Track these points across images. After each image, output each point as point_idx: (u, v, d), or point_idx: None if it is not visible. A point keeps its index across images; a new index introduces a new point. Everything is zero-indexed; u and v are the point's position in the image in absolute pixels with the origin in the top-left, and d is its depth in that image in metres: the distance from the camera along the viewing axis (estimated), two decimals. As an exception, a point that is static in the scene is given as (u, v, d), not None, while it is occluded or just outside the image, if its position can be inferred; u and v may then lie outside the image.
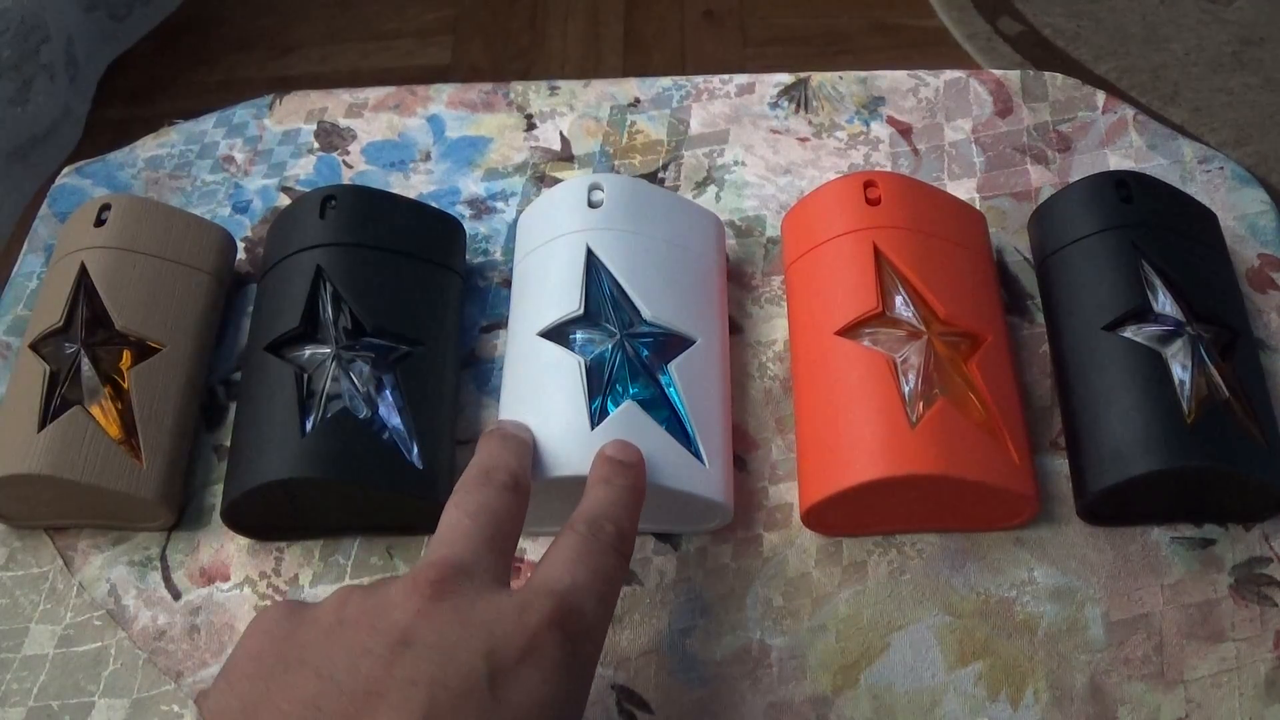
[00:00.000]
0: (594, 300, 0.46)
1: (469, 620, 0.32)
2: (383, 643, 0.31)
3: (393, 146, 0.60)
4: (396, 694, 0.30)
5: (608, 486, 0.39)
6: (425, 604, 0.32)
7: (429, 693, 0.30)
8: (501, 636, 0.32)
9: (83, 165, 0.61)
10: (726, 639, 0.44)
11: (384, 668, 0.30)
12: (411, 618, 0.32)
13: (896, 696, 0.42)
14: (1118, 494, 0.43)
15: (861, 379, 0.44)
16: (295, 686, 0.30)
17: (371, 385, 0.46)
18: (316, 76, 1.52)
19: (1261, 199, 0.54)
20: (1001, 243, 0.53)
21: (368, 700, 0.29)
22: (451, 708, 0.30)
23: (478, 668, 0.31)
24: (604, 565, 0.36)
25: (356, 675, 0.30)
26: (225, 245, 0.53)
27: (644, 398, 0.44)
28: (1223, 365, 0.45)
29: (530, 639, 0.32)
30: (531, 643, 0.32)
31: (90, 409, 0.46)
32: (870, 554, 0.45)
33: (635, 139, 0.59)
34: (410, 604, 0.32)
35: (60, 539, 0.48)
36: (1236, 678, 0.42)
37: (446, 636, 0.31)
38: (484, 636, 0.32)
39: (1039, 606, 0.44)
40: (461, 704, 0.30)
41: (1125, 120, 0.58)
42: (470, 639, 0.32)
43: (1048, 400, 0.48)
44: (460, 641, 0.31)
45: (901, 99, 0.59)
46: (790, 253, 0.50)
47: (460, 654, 0.31)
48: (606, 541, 0.37)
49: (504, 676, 0.31)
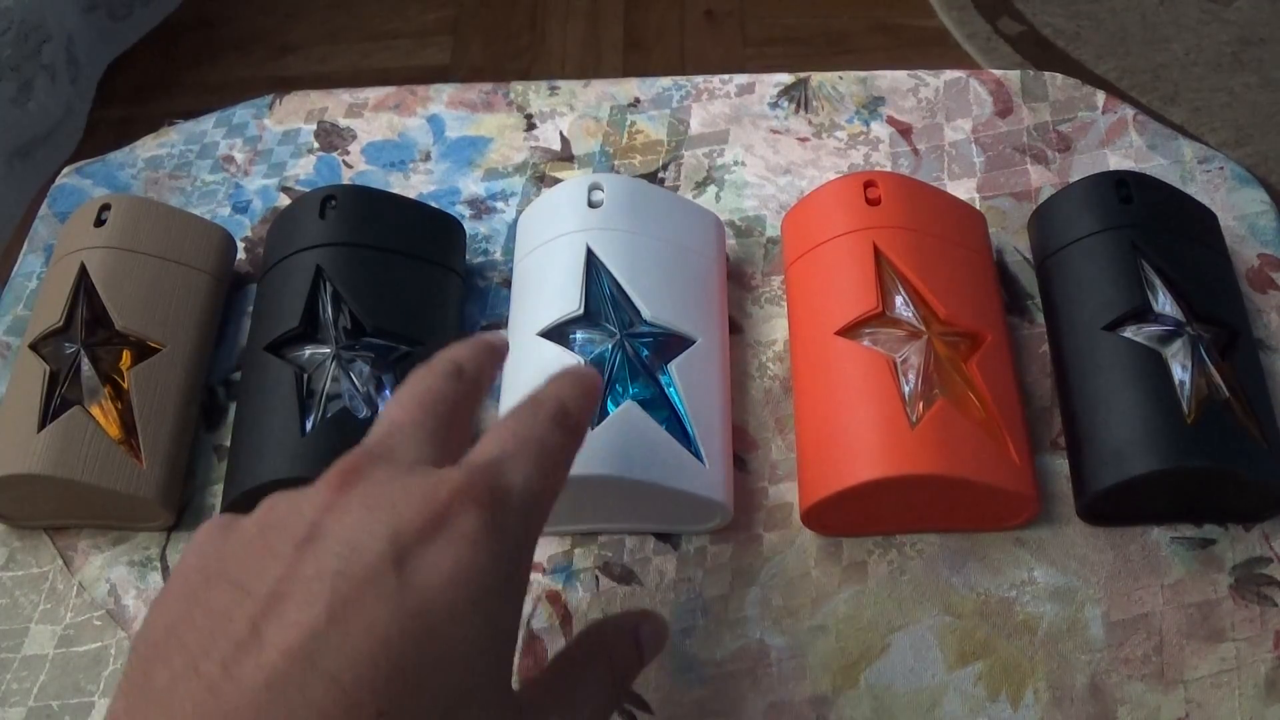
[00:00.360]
0: (594, 300, 0.46)
1: (375, 504, 0.31)
2: (290, 542, 0.30)
3: (393, 146, 0.60)
4: (300, 591, 0.29)
5: (556, 379, 0.37)
6: (332, 496, 0.31)
7: (332, 584, 0.29)
8: (408, 515, 0.30)
9: (83, 165, 0.61)
10: (726, 639, 0.44)
11: (289, 567, 0.29)
12: (318, 512, 0.31)
13: (896, 696, 0.42)
14: (1118, 494, 0.43)
15: (861, 379, 0.44)
16: (211, 599, 0.29)
17: (371, 385, 0.46)
18: (316, 76, 1.52)
19: (1261, 199, 0.54)
20: (1001, 243, 0.53)
21: (273, 602, 0.29)
22: (354, 597, 0.28)
23: (382, 551, 0.29)
24: (540, 436, 0.34)
25: (265, 579, 0.29)
26: (225, 245, 0.53)
27: (644, 398, 0.44)
28: (1223, 365, 0.45)
29: (437, 513, 0.30)
30: (438, 517, 0.30)
31: (90, 409, 0.46)
32: (870, 554, 0.45)
33: (635, 139, 0.59)
34: (319, 499, 0.31)
35: (60, 539, 0.48)
36: (1236, 678, 0.42)
37: (350, 524, 0.30)
38: (389, 518, 0.30)
39: (1039, 606, 0.44)
40: (364, 591, 0.29)
41: (1125, 120, 0.58)
42: (374, 523, 0.30)
43: (1048, 400, 0.48)
44: (365, 527, 0.30)
45: (901, 99, 0.59)
46: (790, 253, 0.50)
47: (363, 540, 0.30)
48: (546, 414, 0.35)
49: (409, 556, 0.29)
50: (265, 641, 0.28)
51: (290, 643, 0.28)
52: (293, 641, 0.28)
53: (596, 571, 0.46)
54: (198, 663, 0.28)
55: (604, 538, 0.46)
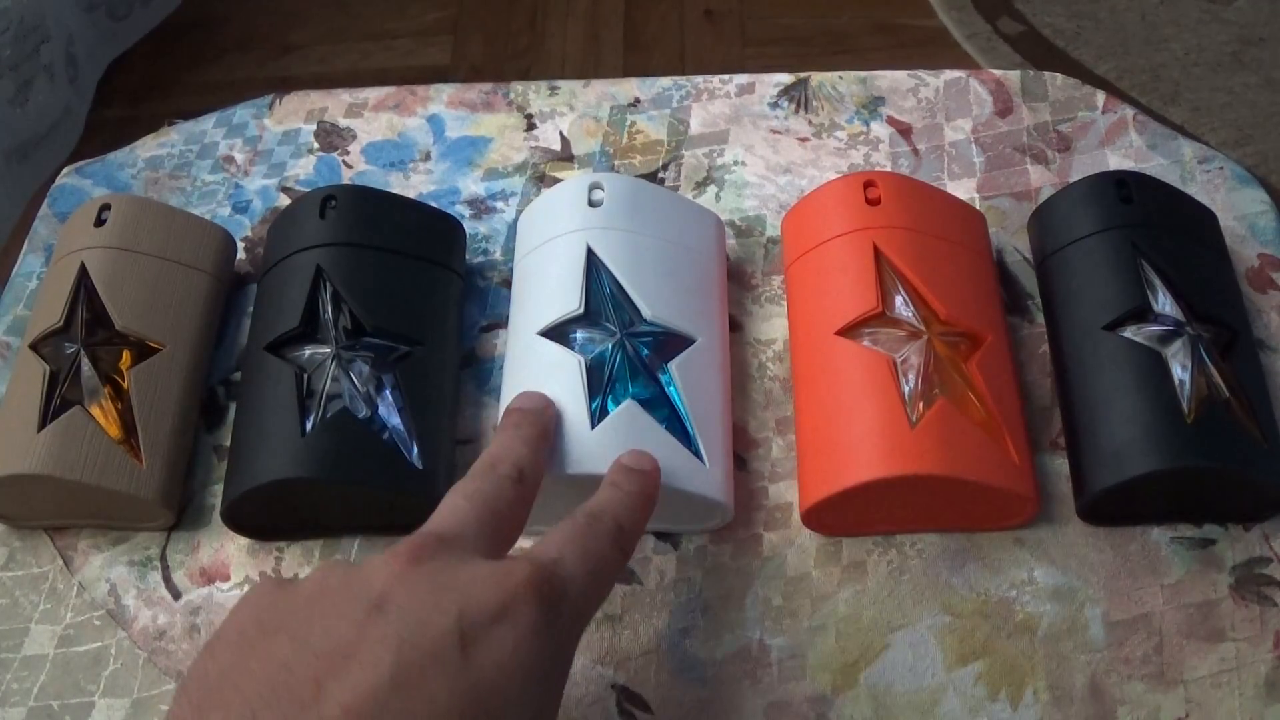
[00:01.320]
0: (594, 299, 0.46)
1: (445, 583, 0.32)
2: (358, 607, 0.31)
3: (393, 146, 0.60)
4: (366, 653, 0.30)
5: (615, 488, 0.39)
6: (403, 568, 0.32)
7: (398, 652, 0.30)
8: (476, 598, 0.32)
9: (83, 165, 0.61)
10: (726, 639, 0.44)
11: (356, 630, 0.30)
12: (387, 582, 0.32)
13: (896, 696, 0.42)
14: (1118, 494, 0.43)
15: (861, 379, 0.44)
16: (270, 651, 0.30)
17: (371, 385, 0.46)
18: (316, 76, 1.52)
19: (1261, 199, 0.54)
20: (1001, 243, 0.53)
21: (337, 661, 0.29)
22: (420, 667, 0.30)
23: (449, 628, 0.31)
24: (597, 550, 0.36)
25: (329, 638, 0.30)
26: (225, 245, 0.53)
27: (644, 397, 0.44)
28: (1223, 365, 0.45)
29: (505, 601, 0.32)
30: (506, 604, 0.32)
31: (90, 409, 0.46)
32: (870, 554, 0.45)
33: (635, 139, 0.59)
34: (388, 570, 0.32)
35: (60, 539, 0.48)
36: (1236, 678, 0.42)
37: (420, 598, 0.31)
38: (458, 599, 0.31)
39: (1039, 606, 0.44)
40: (430, 664, 0.30)
41: (1125, 120, 0.58)
42: (443, 601, 0.31)
43: (1048, 400, 0.48)
44: (433, 603, 0.31)
45: (901, 99, 0.59)
46: (790, 252, 0.50)
47: (432, 615, 0.31)
48: (604, 530, 0.37)
49: (475, 637, 0.31)
50: (327, 697, 0.29)
51: (352, 703, 0.29)
52: (356, 701, 0.29)
53: (596, 571, 0.46)
54: (257, 711, 0.29)
55: (604, 538, 0.46)
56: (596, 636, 0.44)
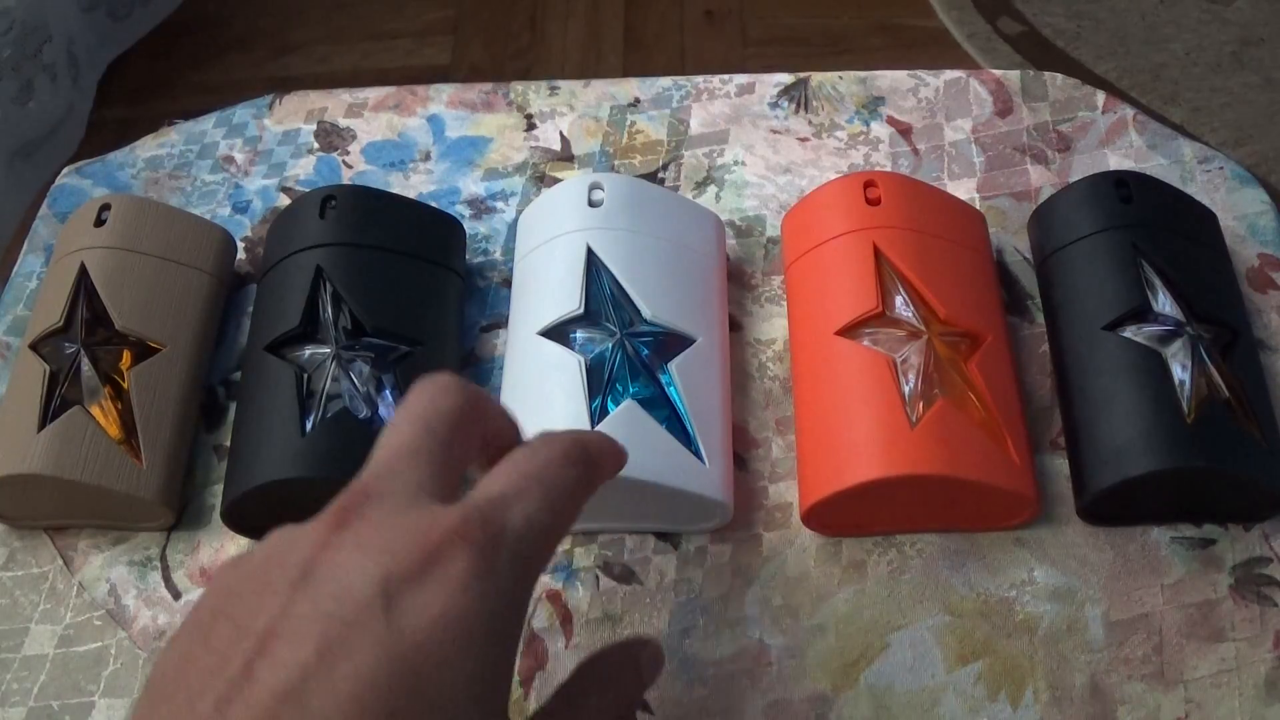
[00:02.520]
0: (594, 299, 0.46)
1: (369, 545, 0.30)
2: (285, 580, 0.30)
3: (393, 146, 0.60)
4: (291, 630, 0.29)
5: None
6: (327, 534, 0.31)
7: (322, 626, 0.29)
8: (400, 556, 0.30)
9: (83, 165, 0.61)
10: (726, 639, 0.44)
11: (282, 606, 0.29)
12: (313, 551, 0.30)
13: (896, 696, 0.42)
14: (1118, 494, 0.43)
15: (861, 379, 0.44)
16: (216, 636, 0.30)
17: (371, 385, 0.46)
18: (316, 76, 1.52)
19: (1261, 199, 0.54)
20: (1001, 243, 0.53)
21: (266, 641, 0.29)
22: (344, 639, 0.28)
23: (372, 593, 0.29)
24: (548, 472, 0.33)
25: (259, 617, 0.29)
26: (225, 245, 0.53)
27: (644, 397, 0.44)
28: (1223, 365, 0.45)
29: (427, 555, 0.30)
30: (428, 559, 0.30)
31: (90, 409, 0.46)
32: (870, 554, 0.45)
33: (635, 139, 0.59)
34: (314, 536, 0.31)
35: (60, 539, 0.48)
36: (1236, 678, 0.42)
37: (342, 565, 0.30)
38: (381, 560, 0.30)
39: (1039, 606, 0.44)
40: (354, 634, 0.29)
41: (1125, 120, 0.58)
42: (367, 563, 0.30)
43: (1048, 400, 0.48)
44: (355, 567, 0.30)
45: (901, 99, 0.59)
46: (790, 252, 0.50)
47: (355, 581, 0.29)
48: (559, 449, 0.34)
49: (398, 599, 0.29)
50: (256, 681, 0.28)
51: (280, 683, 0.28)
52: (282, 682, 0.28)
53: (596, 571, 0.46)
54: (194, 701, 0.28)
55: (604, 537, 0.46)
56: (596, 636, 0.44)
